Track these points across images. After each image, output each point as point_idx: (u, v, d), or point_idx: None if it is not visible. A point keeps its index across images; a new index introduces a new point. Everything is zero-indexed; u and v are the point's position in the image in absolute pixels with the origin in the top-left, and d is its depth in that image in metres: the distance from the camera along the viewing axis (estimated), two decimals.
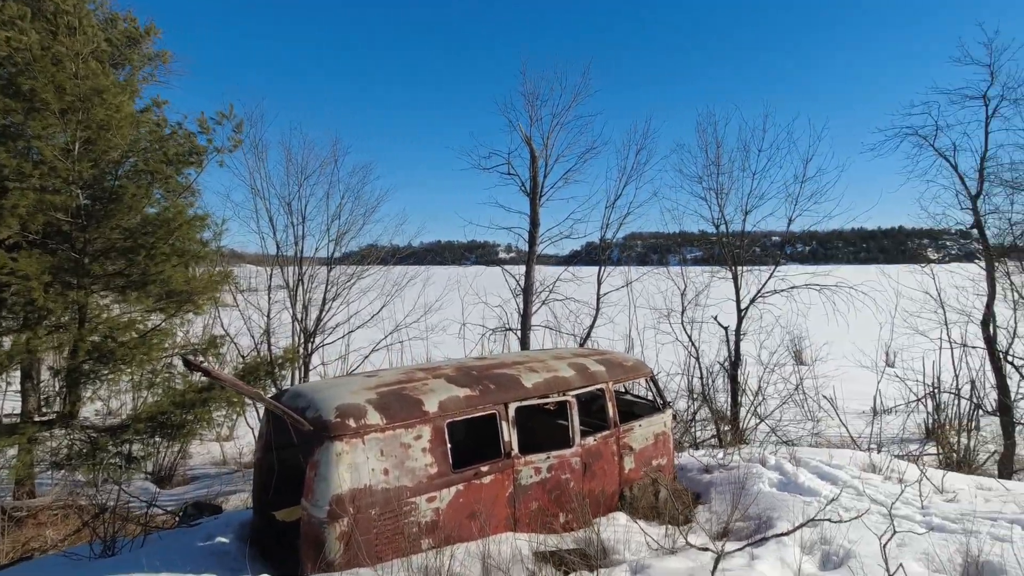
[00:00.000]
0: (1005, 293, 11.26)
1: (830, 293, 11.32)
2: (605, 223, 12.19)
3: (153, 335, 8.01)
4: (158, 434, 8.62)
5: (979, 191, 11.56)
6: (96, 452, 8.00)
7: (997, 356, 11.17)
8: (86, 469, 8.04)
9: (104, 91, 7.69)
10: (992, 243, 11.20)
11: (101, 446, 8.06)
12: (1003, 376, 10.99)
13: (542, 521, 4.16)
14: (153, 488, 10.45)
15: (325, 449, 3.33)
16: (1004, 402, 10.81)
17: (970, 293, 11.42)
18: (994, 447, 10.69)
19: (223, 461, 12.74)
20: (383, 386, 3.90)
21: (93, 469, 8.06)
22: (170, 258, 8.05)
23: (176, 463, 11.63)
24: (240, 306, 12.70)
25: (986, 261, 11.49)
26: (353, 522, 3.29)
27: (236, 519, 4.48)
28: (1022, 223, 11.36)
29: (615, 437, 4.78)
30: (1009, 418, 10.61)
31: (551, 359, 4.91)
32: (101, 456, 8.05)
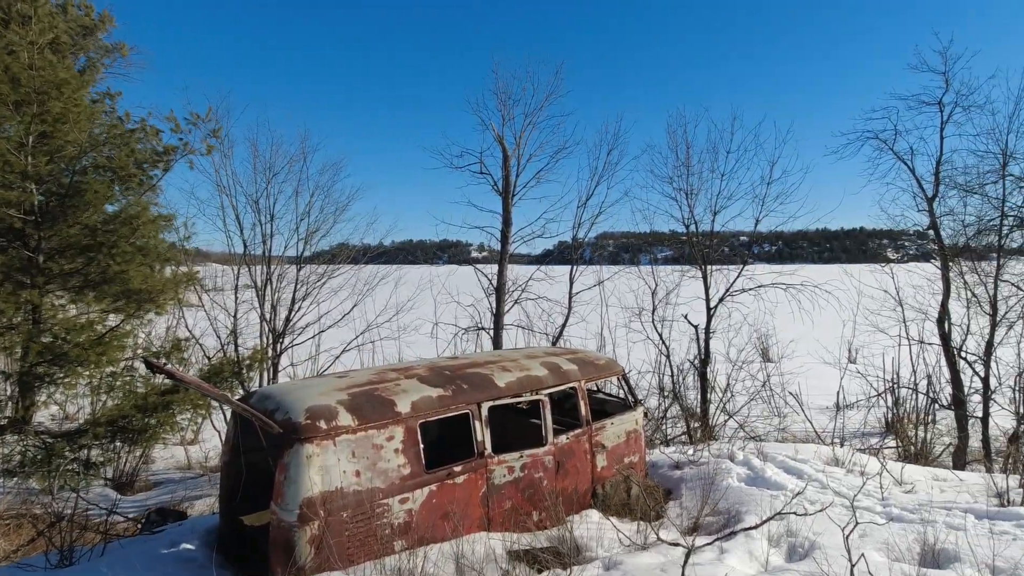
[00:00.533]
0: (959, 292, 11.72)
1: (796, 292, 11.61)
2: (577, 222, 12.28)
3: (112, 336, 7.74)
4: (118, 439, 8.34)
5: (935, 194, 12.02)
6: (52, 458, 7.69)
7: (951, 352, 11.64)
8: (40, 476, 7.73)
9: (62, 84, 7.39)
10: (947, 244, 11.67)
11: (57, 452, 7.75)
12: (957, 371, 11.43)
13: (516, 520, 4.16)
14: (113, 495, 10.10)
15: (295, 451, 3.27)
16: (958, 396, 11.25)
17: (927, 292, 11.87)
18: (949, 439, 11.12)
19: (188, 465, 12.40)
20: (354, 387, 3.85)
21: (48, 476, 7.74)
22: (134, 257, 7.79)
23: (138, 468, 11.25)
24: (206, 307, 12.36)
25: (941, 261, 11.95)
26: (324, 525, 3.23)
27: (202, 525, 4.36)
28: (974, 225, 11.86)
29: (588, 435, 4.81)
30: (962, 411, 11.05)
31: (524, 358, 4.91)
32: (57, 462, 7.74)
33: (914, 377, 12.11)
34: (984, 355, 11.15)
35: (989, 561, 3.19)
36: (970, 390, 11.23)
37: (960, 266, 11.47)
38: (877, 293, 12.48)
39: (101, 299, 7.92)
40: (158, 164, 8.03)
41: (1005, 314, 11.19)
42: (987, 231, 11.66)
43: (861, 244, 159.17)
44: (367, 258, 14.20)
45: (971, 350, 11.27)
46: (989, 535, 3.51)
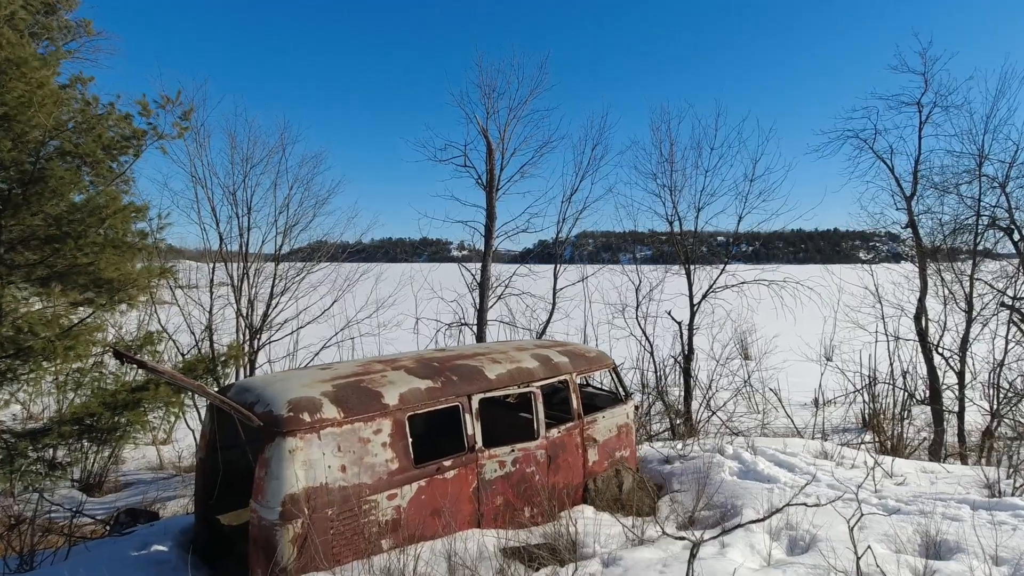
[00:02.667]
0: (936, 289, 11.91)
1: (778, 288, 11.68)
2: (561, 218, 12.17)
3: (80, 330, 7.39)
4: (86, 438, 7.98)
5: (913, 192, 12.21)
6: (13, 458, 7.32)
7: (928, 348, 11.84)
8: (1, 477, 7.34)
9: (23, 63, 7.01)
10: (924, 242, 11.86)
11: (20, 452, 7.37)
12: (933, 367, 11.61)
13: (508, 516, 4.02)
14: (80, 496, 9.70)
15: (276, 446, 3.07)
16: (934, 390, 11.43)
17: (905, 289, 12.06)
18: (925, 434, 11.28)
19: (160, 466, 12.01)
20: (339, 378, 3.66)
21: (9, 477, 7.36)
22: (104, 249, 7.45)
23: (107, 469, 10.84)
24: (180, 302, 11.98)
25: (919, 258, 12.15)
26: (308, 523, 3.04)
27: (175, 525, 4.12)
28: (951, 223, 12.07)
29: (579, 429, 4.69)
30: (939, 406, 11.23)
31: (513, 350, 4.77)
32: (19, 463, 7.37)
33: (891, 373, 12.29)
34: (960, 351, 11.36)
35: (992, 551, 3.15)
36: (944, 385, 11.43)
37: (937, 263, 11.67)
38: (857, 290, 12.65)
39: (68, 291, 7.55)
40: (127, 150, 7.66)
41: (980, 311, 11.40)
42: (962, 230, 11.89)
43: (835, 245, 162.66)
44: (346, 255, 13.91)
45: (947, 346, 11.47)
46: (990, 525, 3.48)
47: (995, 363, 11.38)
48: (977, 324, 11.33)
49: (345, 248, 13.95)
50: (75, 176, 7.26)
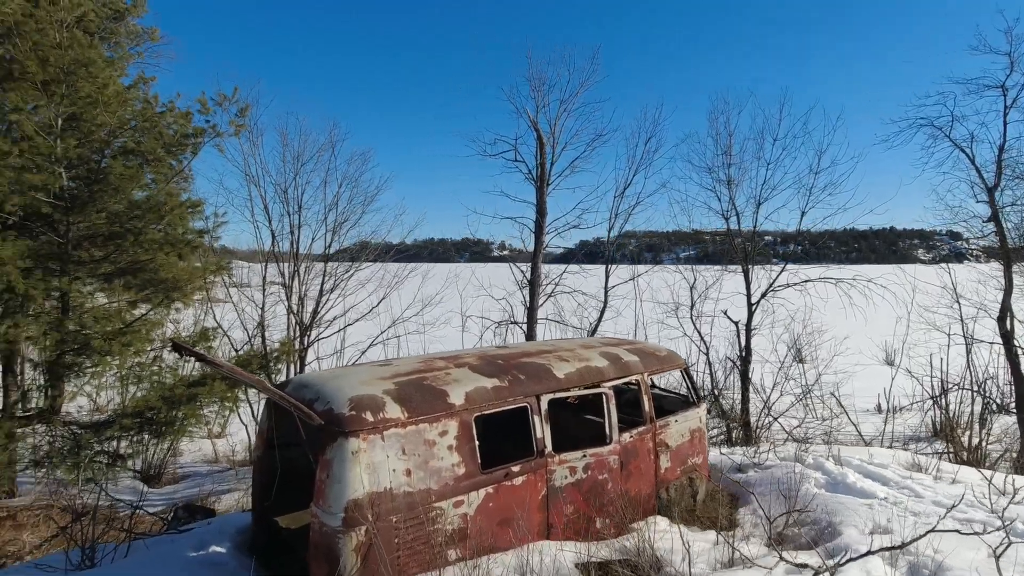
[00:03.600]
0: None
1: (847, 287, 10.95)
2: (613, 213, 11.76)
3: (138, 326, 7.50)
4: (145, 431, 8.11)
5: (996, 183, 11.27)
6: (79, 450, 7.49)
7: (1014, 352, 10.89)
8: (67, 468, 7.52)
9: (91, 64, 7.16)
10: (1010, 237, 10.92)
11: (84, 443, 7.55)
12: (1020, 372, 10.67)
13: (578, 527, 3.72)
14: (141, 487, 9.95)
15: (339, 446, 2.87)
16: (1022, 397, 10.50)
17: (990, 287, 11.13)
18: (1003, 445, 10.31)
19: (215, 459, 12.25)
20: (400, 376, 3.45)
21: (75, 468, 7.54)
22: (162, 247, 7.55)
23: (165, 461, 11.11)
24: (233, 299, 12.19)
25: (1003, 254, 11.21)
26: (373, 531, 2.83)
27: (232, 524, 4.01)
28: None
29: (651, 434, 4.35)
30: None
31: (580, 348, 4.47)
32: (84, 454, 7.53)
33: (969, 378, 11.35)
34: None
35: None
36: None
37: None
38: (933, 289, 11.76)
39: (128, 288, 7.69)
40: (186, 147, 7.76)
41: None
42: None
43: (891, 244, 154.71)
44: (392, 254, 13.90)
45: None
46: None
47: None
48: None
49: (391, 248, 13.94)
50: (137, 173, 7.37)
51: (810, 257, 13.50)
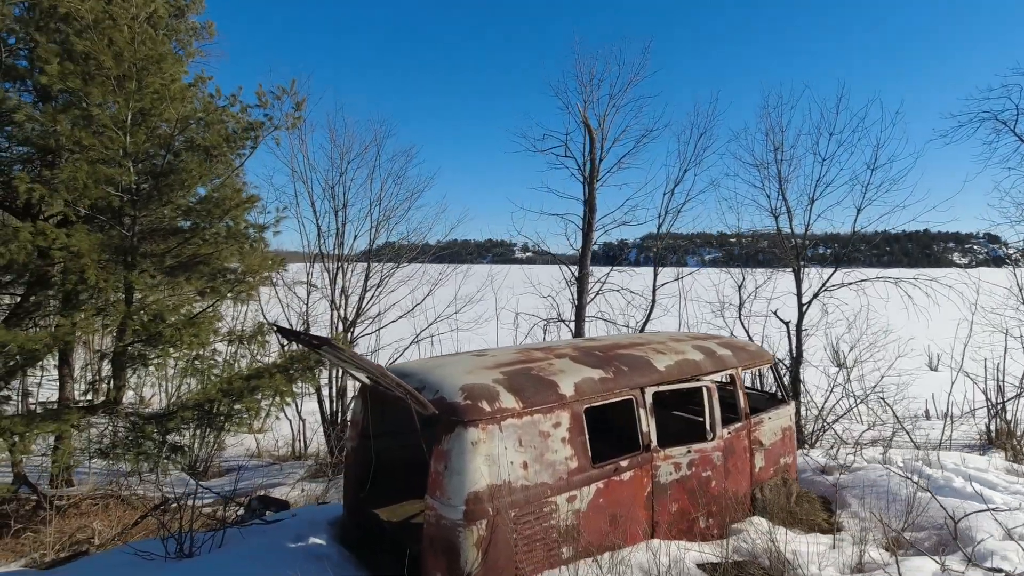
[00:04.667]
0: None
1: (907, 287, 10.56)
2: (663, 210, 11.55)
3: (203, 318, 7.57)
4: (205, 423, 8.18)
5: None
6: (140, 440, 7.59)
7: None
8: (132, 458, 7.62)
9: (162, 59, 7.25)
10: None
11: (146, 435, 7.64)
12: None
13: (682, 526, 3.57)
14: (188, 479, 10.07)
15: (458, 436, 2.77)
16: None
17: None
18: None
19: (257, 453, 12.37)
20: (504, 365, 3.34)
21: (136, 458, 7.64)
22: (227, 240, 7.61)
23: (212, 454, 11.25)
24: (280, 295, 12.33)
25: None
26: (493, 525, 2.73)
27: (321, 516, 3.95)
28: None
29: (747, 431, 4.18)
30: None
31: (671, 341, 4.32)
32: (146, 445, 7.63)
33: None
34: None
35: None
36: None
37: None
38: (998, 290, 11.27)
39: (194, 281, 7.76)
40: (246, 141, 7.80)
41: None
42: None
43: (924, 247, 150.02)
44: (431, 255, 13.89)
45: None
46: None
47: None
48: None
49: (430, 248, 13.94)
50: (201, 167, 7.43)
51: (839, 260, 13.07)
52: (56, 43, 6.72)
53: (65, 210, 6.98)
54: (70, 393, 8.89)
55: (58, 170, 6.12)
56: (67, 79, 6.30)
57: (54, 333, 6.69)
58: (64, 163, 6.25)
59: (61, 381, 8.93)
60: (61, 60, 6.33)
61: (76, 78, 6.30)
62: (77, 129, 6.44)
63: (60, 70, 6.18)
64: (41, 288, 7.55)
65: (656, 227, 11.60)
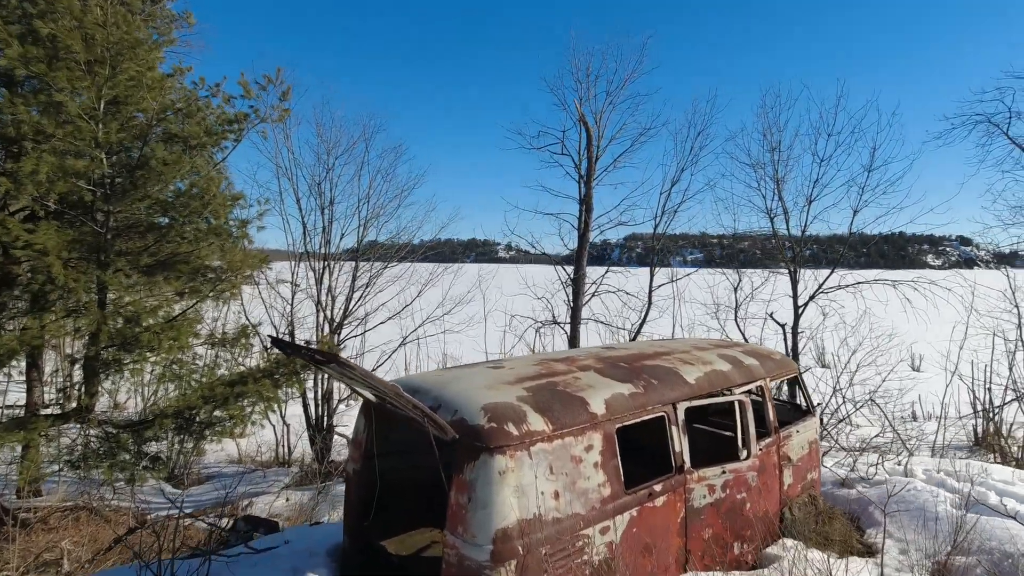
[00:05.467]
0: None
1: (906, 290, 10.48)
2: (660, 211, 11.31)
3: (182, 321, 7.12)
4: (185, 431, 7.72)
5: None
6: (115, 450, 7.12)
7: None
8: (105, 469, 7.13)
9: (137, 44, 6.78)
10: None
11: (121, 444, 7.17)
12: None
13: (716, 553, 3.28)
14: (167, 488, 9.59)
15: (483, 465, 2.44)
16: None
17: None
18: None
19: (239, 459, 11.90)
20: (526, 379, 3.02)
21: (110, 469, 7.15)
22: (206, 236, 7.17)
23: (190, 461, 10.76)
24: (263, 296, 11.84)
25: None
26: (523, 566, 2.40)
27: (322, 544, 3.57)
28: None
29: (776, 446, 3.91)
30: None
31: (694, 349, 4.03)
32: (121, 454, 7.16)
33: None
34: None
35: None
36: None
37: None
38: (992, 293, 11.26)
39: (172, 281, 7.29)
40: (229, 134, 7.35)
41: None
42: None
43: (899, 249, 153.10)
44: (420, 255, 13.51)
45: None
46: None
47: None
48: None
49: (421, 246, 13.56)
50: (180, 160, 6.97)
51: (819, 262, 13.03)
52: (15, 23, 6.20)
53: (32, 205, 6.49)
54: (38, 400, 8.36)
55: (21, 163, 5.63)
56: (30, 64, 5.80)
57: (21, 336, 6.21)
58: (28, 154, 5.75)
59: (29, 387, 8.40)
60: (23, 42, 5.84)
61: (40, 63, 5.81)
62: (43, 117, 5.96)
63: (21, 53, 5.68)
64: (6, 288, 7.03)
65: (653, 227, 11.37)
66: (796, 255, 11.39)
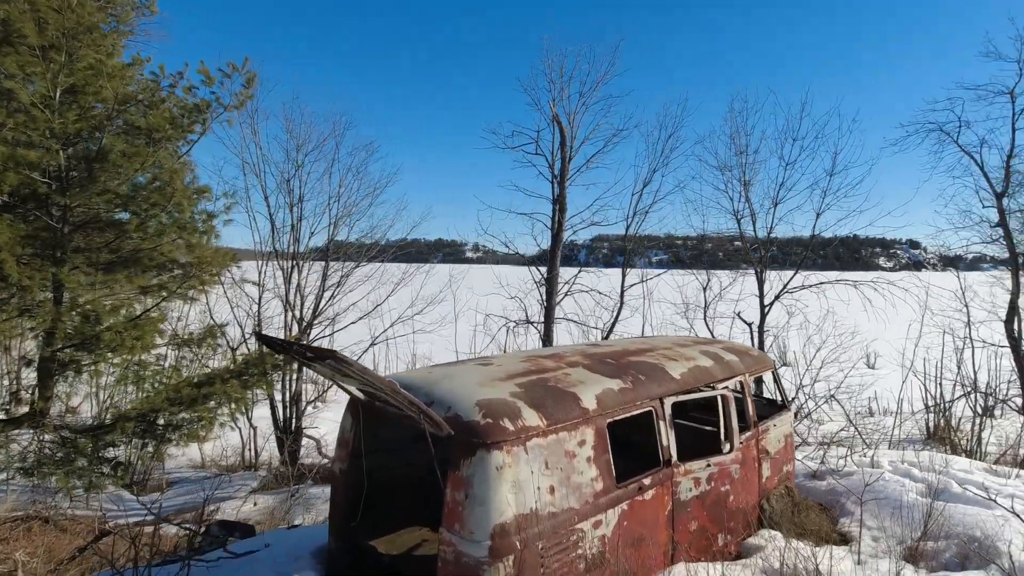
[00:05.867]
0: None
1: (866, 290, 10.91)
2: (632, 211, 11.47)
3: (147, 319, 6.84)
4: (148, 435, 7.42)
5: (1005, 189, 11.42)
6: (73, 456, 6.78)
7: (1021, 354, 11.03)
8: (61, 477, 6.78)
9: (95, 29, 6.48)
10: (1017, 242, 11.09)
11: (79, 449, 6.83)
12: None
13: (700, 545, 3.34)
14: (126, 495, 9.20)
15: (480, 461, 2.42)
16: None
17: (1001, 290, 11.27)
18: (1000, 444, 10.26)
19: (202, 464, 11.53)
20: (516, 376, 3.01)
21: (67, 476, 6.81)
22: (169, 232, 6.90)
23: (151, 466, 10.36)
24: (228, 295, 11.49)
25: (1011, 258, 11.37)
26: (521, 561, 2.39)
27: (306, 546, 3.48)
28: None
29: (755, 439, 4.01)
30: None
31: (677, 346, 4.09)
32: (79, 461, 6.83)
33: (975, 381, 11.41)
34: None
35: None
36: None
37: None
38: (944, 293, 11.83)
39: (134, 278, 6.99)
40: (195, 125, 7.08)
41: None
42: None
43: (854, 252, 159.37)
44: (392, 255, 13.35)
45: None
46: None
47: None
48: None
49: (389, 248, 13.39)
50: (142, 152, 6.69)
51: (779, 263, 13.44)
52: None
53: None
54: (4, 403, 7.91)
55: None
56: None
57: None
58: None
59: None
60: None
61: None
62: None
63: None
64: None
65: (625, 228, 11.52)
66: (762, 256, 11.72)
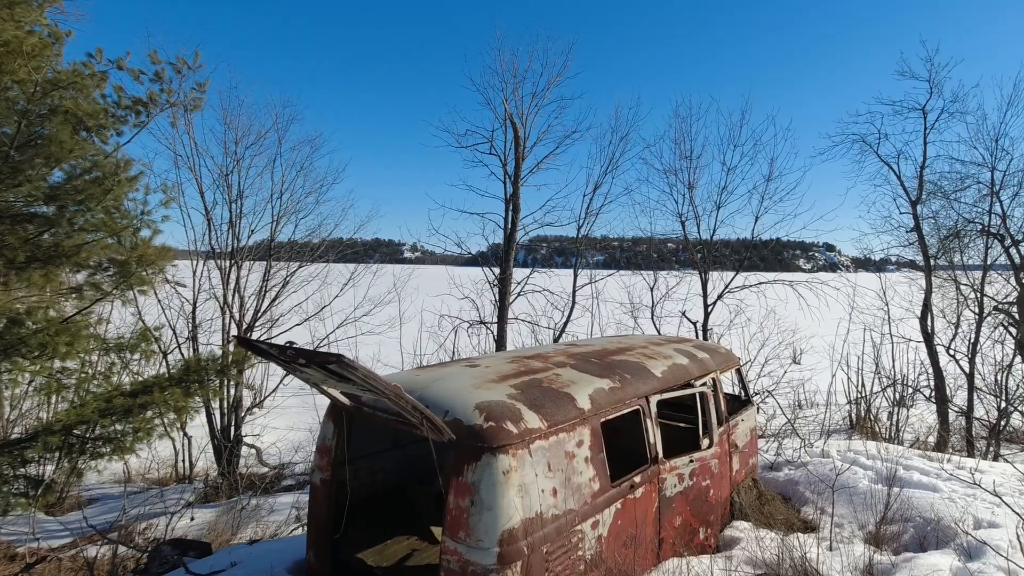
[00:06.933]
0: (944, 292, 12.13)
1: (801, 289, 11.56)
2: (584, 212, 11.63)
3: (77, 323, 6.28)
4: (76, 450, 6.82)
5: (918, 197, 12.42)
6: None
7: (934, 349, 12.02)
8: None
9: (15, 3, 5.89)
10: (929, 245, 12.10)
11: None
12: (939, 367, 11.78)
13: (684, 540, 3.41)
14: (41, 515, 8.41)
15: (486, 465, 2.35)
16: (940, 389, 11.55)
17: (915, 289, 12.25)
18: (914, 432, 11.12)
19: (128, 478, 10.73)
20: (509, 377, 2.95)
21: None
22: (102, 225, 6.37)
23: (68, 483, 9.52)
24: (159, 296, 10.74)
25: (924, 260, 12.37)
26: (528, 567, 2.34)
27: (278, 561, 3.26)
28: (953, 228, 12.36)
29: (727, 434, 4.14)
30: (945, 406, 11.38)
31: (653, 345, 4.17)
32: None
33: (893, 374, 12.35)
34: (969, 353, 11.58)
35: None
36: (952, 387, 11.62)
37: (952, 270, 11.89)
38: (869, 292, 12.72)
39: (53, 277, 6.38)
40: (140, 114, 6.57)
41: (988, 314, 11.64)
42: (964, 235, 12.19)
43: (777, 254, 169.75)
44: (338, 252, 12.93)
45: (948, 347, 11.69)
46: None
47: (1002, 363, 11.66)
48: (986, 327, 11.58)
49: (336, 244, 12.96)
50: (74, 141, 6.15)
51: (708, 264, 14.06)
52: None
53: None
54: None
55: None
56: None
57: None
58: None
59: None
60: None
61: None
62: None
63: None
64: None
65: (576, 229, 11.67)
66: (705, 257, 12.19)
